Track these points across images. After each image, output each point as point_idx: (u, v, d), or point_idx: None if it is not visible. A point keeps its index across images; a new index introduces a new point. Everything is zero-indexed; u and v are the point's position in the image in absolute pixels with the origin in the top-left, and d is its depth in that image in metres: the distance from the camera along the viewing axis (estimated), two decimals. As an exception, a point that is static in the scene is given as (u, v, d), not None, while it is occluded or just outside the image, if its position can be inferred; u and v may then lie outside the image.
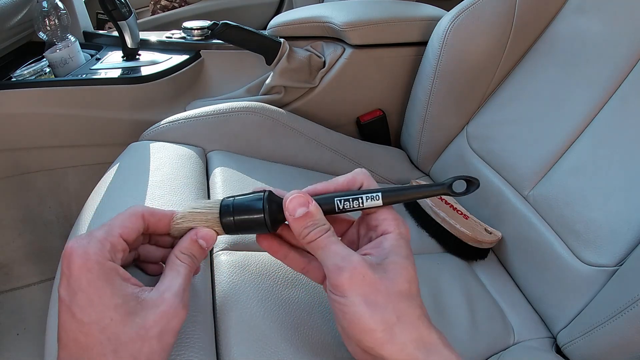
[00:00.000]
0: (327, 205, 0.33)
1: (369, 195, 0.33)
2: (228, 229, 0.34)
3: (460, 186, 0.33)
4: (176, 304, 0.30)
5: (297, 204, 0.32)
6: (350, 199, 0.33)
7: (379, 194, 0.33)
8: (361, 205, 0.33)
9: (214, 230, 0.34)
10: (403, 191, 0.33)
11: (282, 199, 0.33)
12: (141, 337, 0.28)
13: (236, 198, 0.34)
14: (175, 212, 0.35)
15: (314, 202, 0.32)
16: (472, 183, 0.33)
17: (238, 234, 0.35)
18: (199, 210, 0.34)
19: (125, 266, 0.32)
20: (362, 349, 0.32)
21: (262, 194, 0.33)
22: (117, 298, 0.28)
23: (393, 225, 0.33)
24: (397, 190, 0.33)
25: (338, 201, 0.33)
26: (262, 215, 0.32)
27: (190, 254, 0.33)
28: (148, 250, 0.36)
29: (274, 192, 0.35)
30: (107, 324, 0.27)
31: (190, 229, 0.34)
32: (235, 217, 0.33)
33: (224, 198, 0.35)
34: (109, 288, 0.28)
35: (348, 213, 0.34)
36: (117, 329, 0.27)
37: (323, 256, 0.31)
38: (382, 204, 0.33)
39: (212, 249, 0.46)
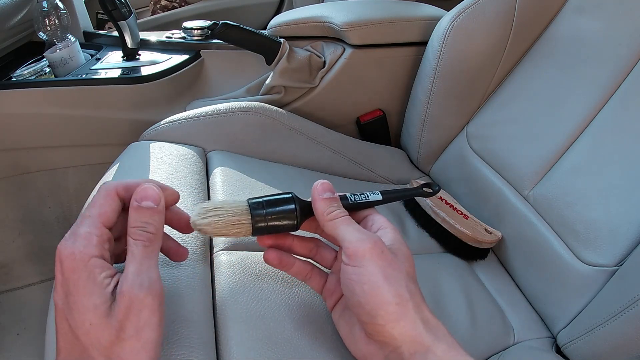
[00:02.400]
0: (343, 200, 0.38)
1: (371, 192, 0.39)
2: (258, 227, 0.35)
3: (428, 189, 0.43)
4: (134, 294, 0.27)
5: (326, 188, 0.36)
6: (359, 194, 0.39)
7: (378, 191, 0.39)
8: (367, 198, 0.38)
9: (239, 231, 0.34)
10: (395, 192, 0.41)
11: (304, 200, 0.37)
12: (120, 339, 0.26)
13: (264, 198, 0.36)
14: (142, 181, 0.33)
15: (336, 192, 0.37)
16: (434, 185, 0.43)
17: (264, 234, 0.37)
18: (225, 207, 0.35)
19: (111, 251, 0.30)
20: (369, 335, 0.32)
21: (289, 193, 0.37)
22: (95, 298, 0.27)
23: (387, 223, 0.37)
24: (390, 190, 0.41)
25: (350, 196, 0.38)
26: (295, 211, 0.35)
27: (141, 224, 0.29)
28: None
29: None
30: (88, 329, 0.26)
31: (215, 224, 0.34)
32: (267, 210, 0.35)
33: (248, 199, 0.36)
34: (90, 287, 0.27)
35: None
36: (97, 333, 0.26)
37: (344, 231, 0.33)
38: (381, 198, 0.39)
39: (212, 249, 0.46)
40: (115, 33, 0.78)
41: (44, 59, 0.75)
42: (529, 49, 0.67)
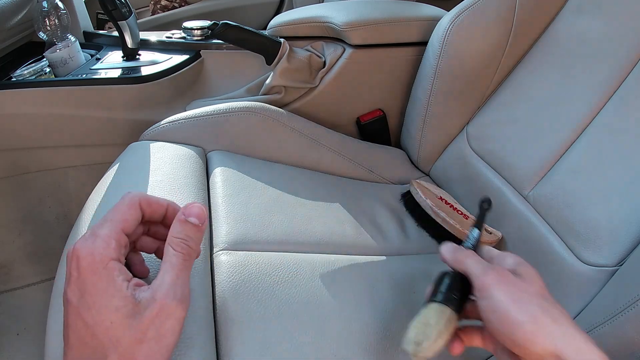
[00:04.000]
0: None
1: (469, 231, 0.41)
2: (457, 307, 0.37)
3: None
4: (167, 304, 0.29)
5: (450, 248, 0.39)
6: (467, 240, 0.41)
7: (474, 227, 0.41)
8: (475, 237, 0.41)
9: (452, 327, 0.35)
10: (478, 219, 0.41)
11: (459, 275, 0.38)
12: (139, 340, 0.28)
13: (442, 288, 0.38)
14: (169, 202, 0.34)
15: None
16: (485, 202, 0.42)
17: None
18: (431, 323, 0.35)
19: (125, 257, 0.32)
20: (513, 354, 0.32)
21: (448, 272, 0.39)
22: (117, 300, 0.28)
23: (497, 251, 0.39)
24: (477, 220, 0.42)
25: (465, 244, 0.41)
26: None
27: (185, 237, 0.31)
28: (144, 240, 0.36)
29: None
30: (108, 327, 0.27)
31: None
32: (454, 292, 0.37)
33: (431, 300, 0.37)
34: (111, 290, 0.28)
35: None
36: (117, 332, 0.28)
37: (469, 266, 0.36)
38: (480, 232, 0.41)
39: (212, 249, 0.46)
40: (115, 33, 0.78)
41: (44, 59, 0.75)
42: (529, 49, 0.67)
